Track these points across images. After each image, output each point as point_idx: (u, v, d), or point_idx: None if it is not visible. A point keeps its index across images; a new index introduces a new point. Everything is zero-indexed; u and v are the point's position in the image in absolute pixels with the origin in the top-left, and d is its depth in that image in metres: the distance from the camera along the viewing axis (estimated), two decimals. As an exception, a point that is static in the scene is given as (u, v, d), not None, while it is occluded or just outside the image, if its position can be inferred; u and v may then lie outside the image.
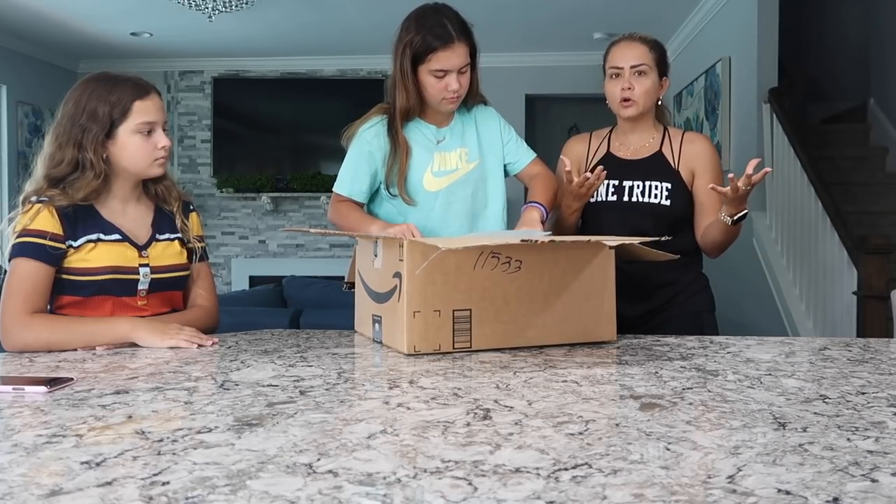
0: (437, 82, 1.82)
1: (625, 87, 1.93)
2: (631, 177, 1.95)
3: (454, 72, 1.81)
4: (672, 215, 1.92)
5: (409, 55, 1.80)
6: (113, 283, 1.56)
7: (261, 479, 0.69)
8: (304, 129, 7.10)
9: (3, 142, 6.35)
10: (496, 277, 1.42)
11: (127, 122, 1.55)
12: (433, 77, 1.81)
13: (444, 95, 1.83)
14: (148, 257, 1.61)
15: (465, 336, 1.40)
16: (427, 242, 1.37)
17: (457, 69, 1.81)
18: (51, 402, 1.00)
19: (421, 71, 1.82)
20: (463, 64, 1.82)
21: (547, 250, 1.46)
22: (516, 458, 0.76)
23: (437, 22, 1.80)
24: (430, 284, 1.38)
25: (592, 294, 1.49)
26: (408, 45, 1.80)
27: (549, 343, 1.46)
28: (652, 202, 1.92)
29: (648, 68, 1.92)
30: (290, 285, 4.10)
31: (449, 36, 1.78)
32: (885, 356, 1.36)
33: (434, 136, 1.93)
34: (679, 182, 1.94)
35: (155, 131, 1.59)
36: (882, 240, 3.31)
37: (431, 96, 1.85)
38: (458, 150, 1.94)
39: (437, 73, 1.80)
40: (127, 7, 5.57)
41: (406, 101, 1.84)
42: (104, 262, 1.55)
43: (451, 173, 1.92)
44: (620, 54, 1.95)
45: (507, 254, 1.42)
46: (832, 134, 5.38)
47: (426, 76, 1.82)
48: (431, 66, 1.80)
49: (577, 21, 5.84)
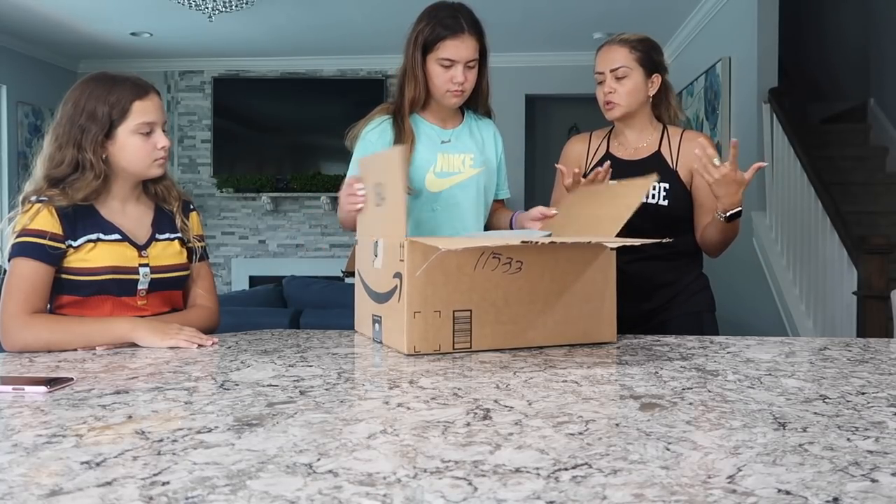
0: (443, 72, 1.83)
1: (606, 90, 1.96)
2: (629, 177, 1.95)
3: (461, 63, 1.83)
4: (670, 215, 1.92)
5: (420, 44, 1.84)
6: (112, 283, 1.56)
7: (261, 479, 0.69)
8: (304, 129, 7.10)
9: (3, 142, 6.35)
10: (497, 278, 1.42)
11: (126, 123, 1.55)
12: (440, 66, 1.83)
13: (448, 87, 1.85)
14: (148, 257, 1.61)
15: (465, 337, 1.40)
16: (428, 243, 1.37)
17: (464, 61, 1.83)
18: (51, 402, 1.00)
19: (429, 60, 1.84)
20: (471, 57, 1.84)
21: (547, 251, 1.46)
22: (516, 458, 0.76)
23: (449, 14, 1.85)
24: (431, 285, 1.38)
25: (593, 295, 1.49)
26: (419, 33, 1.84)
27: (549, 344, 1.46)
28: (650, 202, 1.92)
29: (629, 69, 1.94)
30: (290, 285, 4.10)
31: (459, 26, 1.82)
32: (885, 356, 1.36)
33: (439, 136, 1.93)
34: (678, 182, 1.94)
35: (154, 132, 1.59)
36: (882, 240, 3.31)
37: (437, 87, 1.86)
38: (462, 154, 1.94)
39: (443, 61, 1.82)
40: (127, 7, 5.57)
41: (413, 91, 1.86)
42: (104, 262, 1.55)
43: (454, 175, 1.93)
44: (601, 59, 1.98)
45: (508, 254, 1.42)
46: (832, 134, 5.38)
47: (433, 65, 1.84)
48: (439, 54, 1.83)
49: (577, 21, 5.84)
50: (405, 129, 1.88)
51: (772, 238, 4.42)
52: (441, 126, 1.95)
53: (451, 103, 1.90)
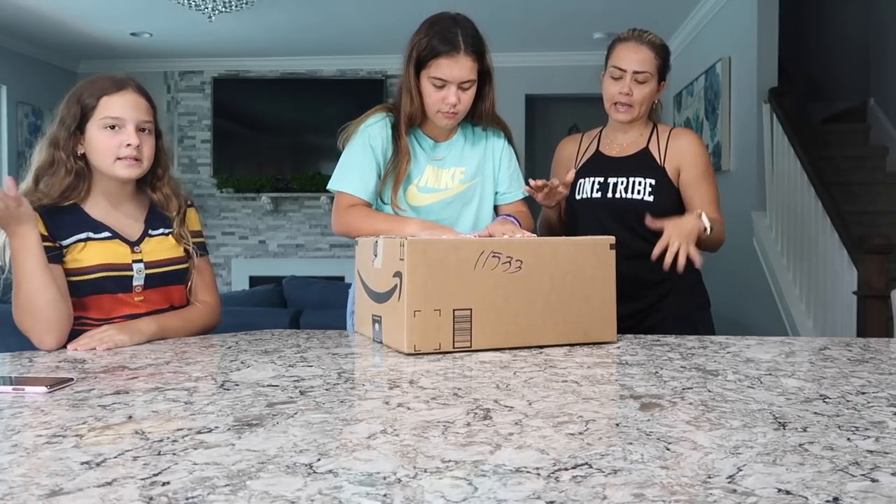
0: (434, 92, 1.73)
1: (623, 91, 1.90)
2: (616, 173, 1.95)
3: (454, 84, 1.71)
4: (655, 211, 1.90)
5: (414, 59, 1.73)
6: (107, 281, 1.56)
7: (261, 479, 0.69)
8: (304, 129, 7.10)
9: (3, 142, 6.35)
10: (497, 277, 1.41)
11: (93, 118, 1.55)
12: (432, 85, 1.72)
13: (439, 108, 1.74)
14: (141, 252, 1.60)
15: (465, 336, 1.40)
16: (428, 241, 1.38)
17: (457, 82, 1.71)
18: (51, 403, 1.00)
19: (422, 77, 1.73)
20: (466, 79, 1.72)
21: (548, 250, 1.46)
22: (516, 458, 0.76)
23: (447, 28, 1.72)
24: (431, 283, 1.37)
25: (593, 294, 1.49)
26: (415, 46, 1.73)
27: (549, 343, 1.46)
28: (635, 198, 1.91)
29: (650, 76, 1.90)
30: (290, 285, 4.10)
31: (455, 44, 1.69)
32: (885, 356, 1.36)
33: (431, 151, 1.85)
34: (664, 178, 1.93)
35: (123, 129, 1.55)
36: (882, 240, 3.31)
37: (428, 106, 1.76)
38: (452, 168, 1.85)
39: (436, 80, 1.71)
40: (127, 7, 5.57)
41: (410, 107, 1.76)
42: (95, 261, 1.55)
43: (438, 192, 1.84)
44: (625, 56, 1.91)
45: (508, 253, 1.42)
46: (832, 134, 5.38)
47: (426, 83, 1.73)
48: (432, 72, 1.71)
49: (577, 21, 5.85)
50: (401, 148, 1.78)
51: (772, 238, 4.42)
52: (435, 140, 1.86)
53: (442, 125, 1.80)
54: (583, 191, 1.97)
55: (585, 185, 1.97)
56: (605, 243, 1.50)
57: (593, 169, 2.00)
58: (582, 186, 1.98)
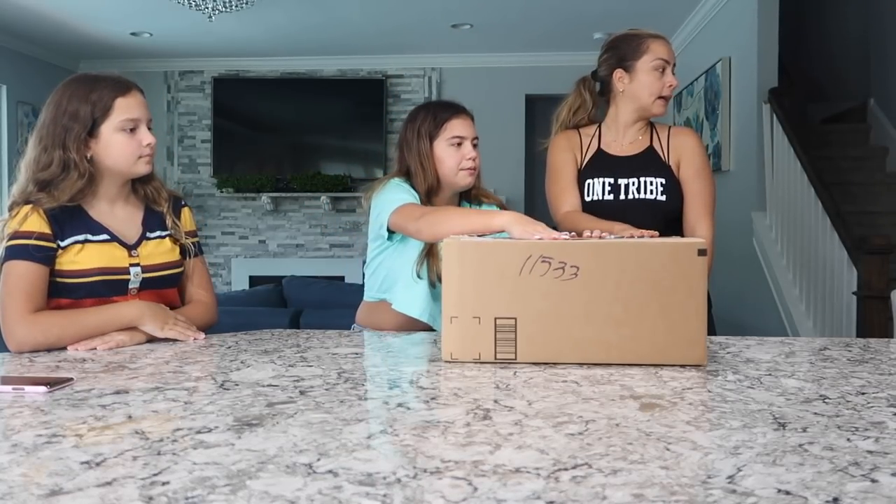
0: (455, 151, 1.85)
1: (670, 83, 1.93)
2: (625, 174, 1.95)
3: (469, 140, 1.87)
4: (669, 210, 1.91)
5: (425, 133, 1.86)
6: (102, 285, 1.55)
7: (261, 479, 0.69)
8: (304, 129, 7.09)
9: (3, 142, 6.35)
10: (547, 284, 1.26)
11: (109, 120, 1.54)
12: (451, 147, 1.85)
13: (462, 165, 1.85)
14: (138, 256, 1.60)
15: (509, 347, 1.27)
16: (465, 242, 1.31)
17: (471, 137, 1.88)
18: (51, 402, 1.00)
19: (436, 146, 1.86)
20: (475, 135, 1.90)
21: (611, 255, 1.27)
22: (516, 458, 0.76)
23: (441, 102, 1.94)
24: (469, 288, 1.28)
25: (672, 307, 1.25)
26: (421, 124, 1.87)
27: (614, 362, 1.27)
28: (648, 198, 1.91)
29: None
30: (290, 285, 4.10)
31: (458, 108, 1.90)
32: (885, 356, 1.36)
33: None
34: (672, 177, 1.94)
35: (139, 128, 1.57)
36: (882, 240, 3.31)
37: (449, 168, 1.85)
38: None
39: (453, 140, 1.85)
40: (127, 7, 5.57)
41: (426, 184, 1.85)
42: (92, 264, 1.54)
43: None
44: (665, 49, 1.94)
45: (562, 258, 1.26)
46: (832, 134, 5.38)
47: (443, 148, 1.85)
48: (447, 134, 1.85)
49: (577, 21, 5.84)
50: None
51: (772, 238, 4.42)
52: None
53: (465, 182, 1.88)
54: (593, 192, 1.95)
55: (595, 187, 1.95)
56: (692, 247, 1.26)
57: (600, 169, 1.98)
58: (592, 188, 1.96)
